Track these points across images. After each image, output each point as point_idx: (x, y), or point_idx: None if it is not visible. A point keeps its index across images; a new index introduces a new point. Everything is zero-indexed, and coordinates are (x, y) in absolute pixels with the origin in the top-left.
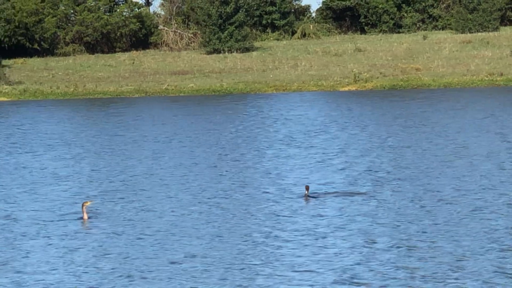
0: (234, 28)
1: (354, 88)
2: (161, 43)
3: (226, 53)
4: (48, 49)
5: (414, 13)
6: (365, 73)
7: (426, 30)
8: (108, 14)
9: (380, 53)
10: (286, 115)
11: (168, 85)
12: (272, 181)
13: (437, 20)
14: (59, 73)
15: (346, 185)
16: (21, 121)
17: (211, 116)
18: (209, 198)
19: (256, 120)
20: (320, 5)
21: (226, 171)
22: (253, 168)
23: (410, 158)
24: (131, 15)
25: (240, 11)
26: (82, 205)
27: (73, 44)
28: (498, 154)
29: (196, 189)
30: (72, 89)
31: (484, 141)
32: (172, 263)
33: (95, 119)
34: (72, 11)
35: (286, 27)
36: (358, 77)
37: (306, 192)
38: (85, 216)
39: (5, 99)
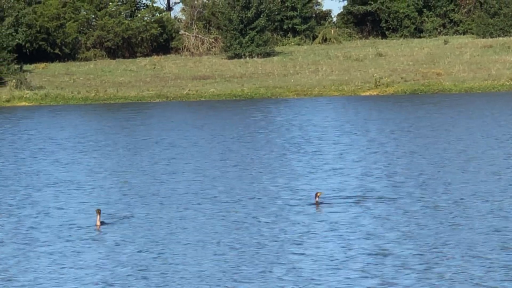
0: (255, 33)
1: (375, 93)
2: (182, 48)
3: (247, 58)
4: (69, 54)
5: (435, 18)
6: (386, 78)
7: (447, 34)
8: (129, 19)
9: (401, 58)
10: (306, 120)
11: (189, 90)
12: (288, 187)
13: (458, 25)
14: (80, 78)
15: (363, 191)
16: (42, 125)
17: (232, 121)
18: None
19: (277, 124)
20: (341, 10)
21: (241, 175)
22: (270, 174)
23: (428, 164)
24: (152, 20)
25: (261, 16)
26: (97, 212)
27: (94, 49)
28: None
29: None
30: (93, 94)
31: (508, 146)
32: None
33: (123, 124)
34: (93, 16)
35: (307, 32)
36: (379, 82)
37: (317, 199)
38: (98, 223)
39: (26, 104)
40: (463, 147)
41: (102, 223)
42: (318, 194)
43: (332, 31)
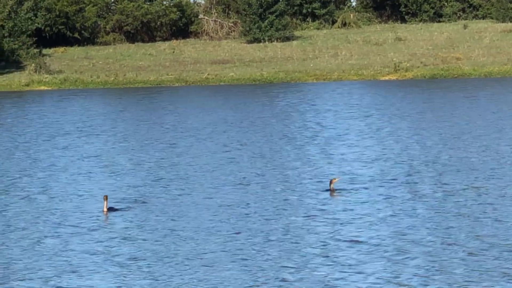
0: (275, 17)
1: (394, 78)
2: (201, 32)
3: (267, 42)
4: (89, 38)
5: (455, 2)
6: (406, 63)
7: (466, 19)
8: (148, 3)
9: (421, 42)
10: (325, 104)
11: (208, 74)
12: (304, 172)
13: (477, 9)
14: (100, 62)
15: (380, 177)
16: (61, 109)
17: (251, 105)
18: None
19: (295, 108)
20: None
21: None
22: (286, 159)
23: (447, 148)
24: (171, 4)
25: (280, 0)
26: (104, 198)
27: (114, 33)
28: None
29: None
30: (112, 78)
31: None
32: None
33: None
34: (112, 0)
35: (327, 16)
36: (398, 66)
37: (332, 185)
38: (105, 209)
39: (45, 88)
40: (482, 131)
41: (110, 209)
42: (333, 181)
43: (352, 15)
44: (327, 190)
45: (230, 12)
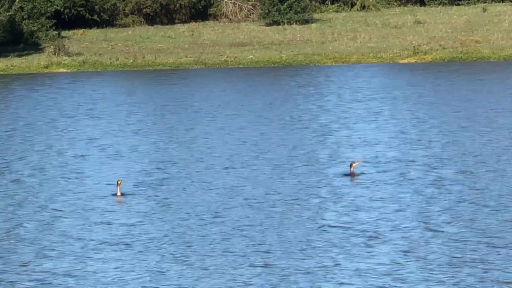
0: (294, 0)
1: (413, 61)
2: (221, 15)
3: (286, 25)
4: (108, 20)
5: None
6: (425, 46)
7: (485, 2)
8: None
9: (440, 26)
10: (346, 87)
11: (227, 57)
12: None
13: None
14: (119, 45)
15: (400, 160)
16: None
17: (270, 87)
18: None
19: (314, 91)
20: None
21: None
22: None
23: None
24: None
25: None
26: (118, 183)
27: (133, 16)
28: None
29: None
30: (131, 61)
31: None
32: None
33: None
34: None
35: None
36: (417, 49)
37: (352, 169)
38: (119, 193)
39: (64, 70)
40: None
41: (122, 194)
42: (354, 164)
43: None
44: (347, 175)
45: None
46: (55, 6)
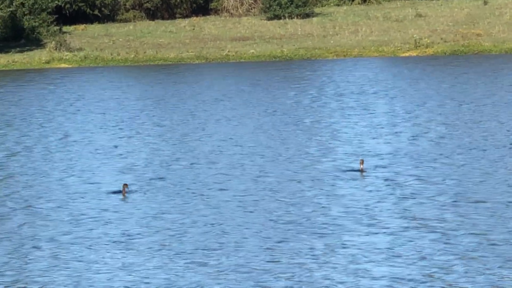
0: None
1: (414, 54)
2: (222, 9)
3: (287, 19)
4: (109, 15)
5: None
6: (426, 39)
7: None
8: None
9: (441, 19)
10: (348, 80)
11: (228, 51)
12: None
13: None
14: (120, 40)
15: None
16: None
17: (273, 81)
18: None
19: (317, 85)
20: None
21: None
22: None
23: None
24: None
25: None
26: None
27: (134, 11)
28: None
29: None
30: (132, 56)
31: None
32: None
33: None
34: None
35: None
36: (419, 42)
37: (361, 166)
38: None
39: (66, 65)
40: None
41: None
42: (363, 162)
43: None
44: (357, 170)
45: None
46: (56, 2)
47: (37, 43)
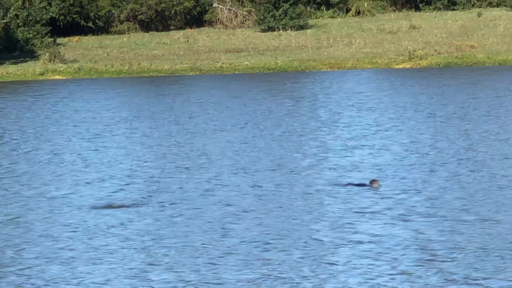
0: (289, 6)
1: (408, 66)
2: (216, 21)
3: (281, 31)
4: (103, 27)
5: None
6: (420, 51)
7: (480, 7)
8: None
9: (435, 31)
10: (344, 92)
11: (222, 63)
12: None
13: None
14: (114, 51)
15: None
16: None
17: (266, 93)
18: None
19: (311, 97)
20: None
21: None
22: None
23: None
24: None
25: None
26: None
27: (128, 22)
28: None
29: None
30: (126, 67)
31: None
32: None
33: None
34: None
35: (341, 4)
36: (412, 54)
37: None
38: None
39: (60, 77)
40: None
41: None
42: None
43: (366, 3)
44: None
45: (244, 1)
46: (50, 13)
47: (31, 55)
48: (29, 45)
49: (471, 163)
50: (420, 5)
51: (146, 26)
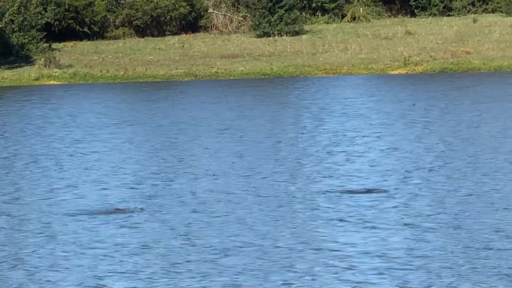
0: (284, 12)
1: (404, 72)
2: (211, 27)
3: (276, 36)
4: (98, 32)
5: None
6: (415, 56)
7: (476, 13)
8: None
9: (430, 36)
10: (340, 98)
11: (218, 69)
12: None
13: (487, 3)
14: (109, 57)
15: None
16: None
17: (261, 98)
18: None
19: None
20: None
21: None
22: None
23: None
24: None
25: None
26: None
27: (123, 28)
28: None
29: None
30: (122, 73)
31: None
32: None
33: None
34: None
35: (336, 10)
36: (408, 60)
37: None
38: None
39: (55, 82)
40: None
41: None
42: None
43: (361, 9)
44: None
45: (239, 6)
46: (46, 19)
47: (26, 60)
48: (25, 50)
49: (446, 170)
50: (415, 11)
51: (142, 31)
